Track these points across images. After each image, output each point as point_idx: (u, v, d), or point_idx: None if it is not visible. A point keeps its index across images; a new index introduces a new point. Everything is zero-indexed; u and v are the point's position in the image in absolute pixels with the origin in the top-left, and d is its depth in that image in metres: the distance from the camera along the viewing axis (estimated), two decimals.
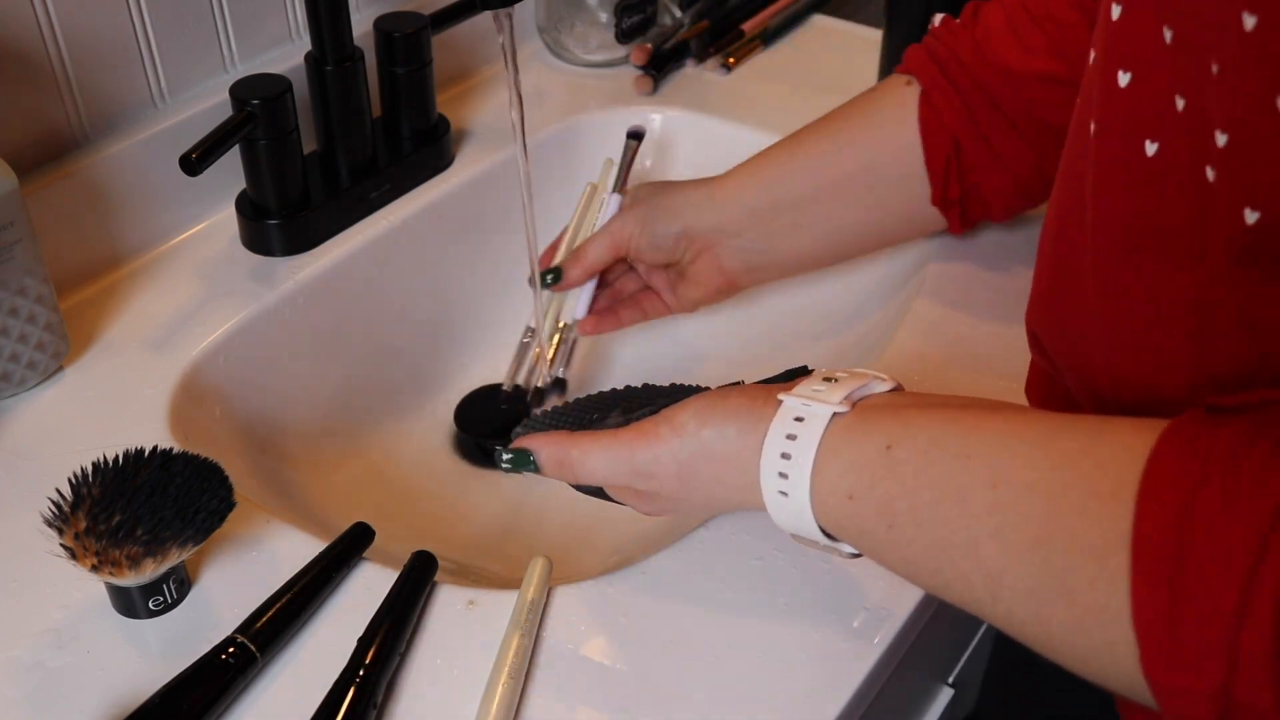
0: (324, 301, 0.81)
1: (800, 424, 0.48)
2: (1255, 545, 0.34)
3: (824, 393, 0.48)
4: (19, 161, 0.71)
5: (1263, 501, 0.34)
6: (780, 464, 0.48)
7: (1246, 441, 0.36)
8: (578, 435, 0.55)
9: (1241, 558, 0.34)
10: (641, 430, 0.53)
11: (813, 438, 0.47)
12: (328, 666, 0.54)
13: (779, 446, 0.48)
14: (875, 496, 0.45)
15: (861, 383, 0.49)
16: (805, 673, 0.55)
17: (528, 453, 0.56)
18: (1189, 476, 0.36)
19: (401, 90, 0.86)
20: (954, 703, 0.91)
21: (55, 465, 0.58)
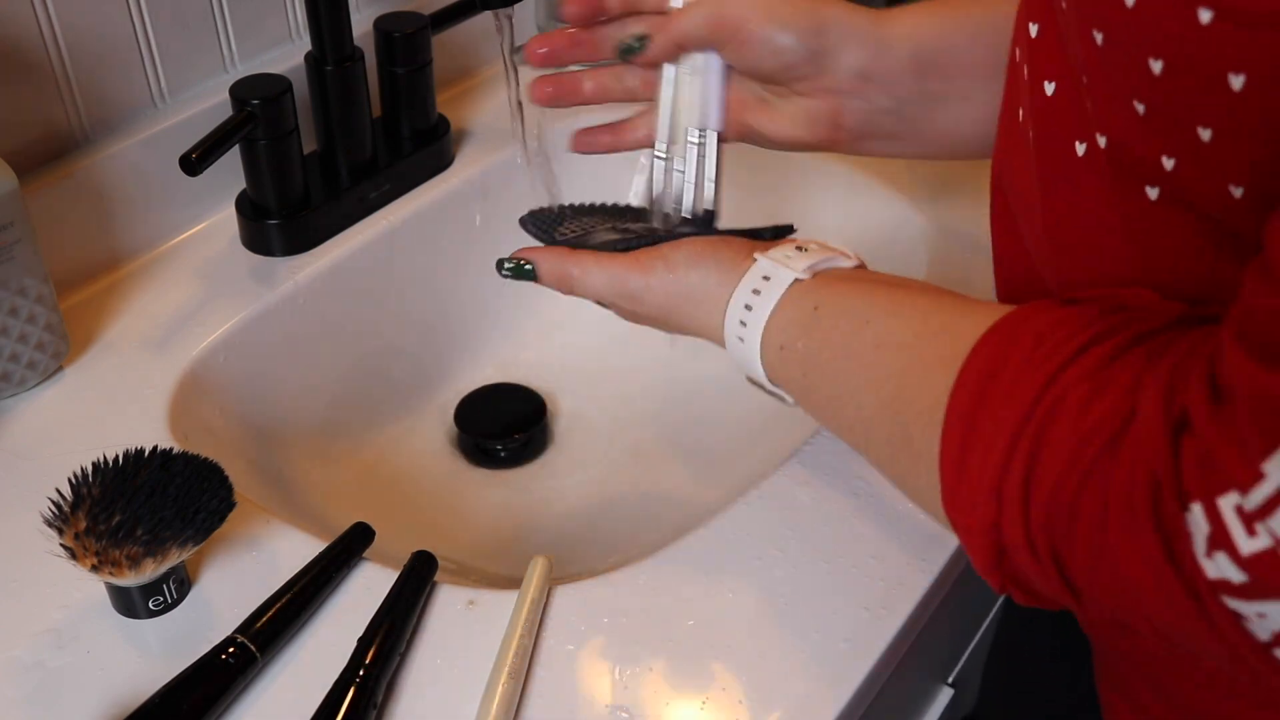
0: (324, 301, 0.81)
1: (766, 283, 0.55)
2: (1025, 410, 0.40)
3: (793, 260, 0.55)
4: (19, 161, 0.71)
5: (1039, 375, 0.40)
6: (743, 313, 0.55)
7: (1051, 327, 0.42)
8: (578, 253, 0.60)
9: (1012, 420, 0.40)
10: (639, 260, 0.59)
11: (772, 298, 0.54)
12: (328, 666, 0.54)
13: (744, 299, 0.55)
14: (798, 350, 0.53)
15: (826, 255, 0.55)
16: (805, 673, 0.55)
17: (528, 263, 0.60)
18: (1000, 352, 0.43)
19: (401, 90, 0.86)
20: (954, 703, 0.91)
21: (55, 465, 0.58)
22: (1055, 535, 0.39)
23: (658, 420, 0.88)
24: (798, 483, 0.64)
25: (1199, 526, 0.35)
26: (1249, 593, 0.34)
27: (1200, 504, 0.35)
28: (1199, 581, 0.35)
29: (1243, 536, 0.34)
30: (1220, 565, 0.35)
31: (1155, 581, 0.37)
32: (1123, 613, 0.40)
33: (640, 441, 0.87)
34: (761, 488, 0.64)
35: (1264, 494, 0.33)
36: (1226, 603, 0.35)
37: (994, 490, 0.41)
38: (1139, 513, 0.36)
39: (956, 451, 0.43)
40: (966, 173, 0.91)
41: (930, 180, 0.89)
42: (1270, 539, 0.33)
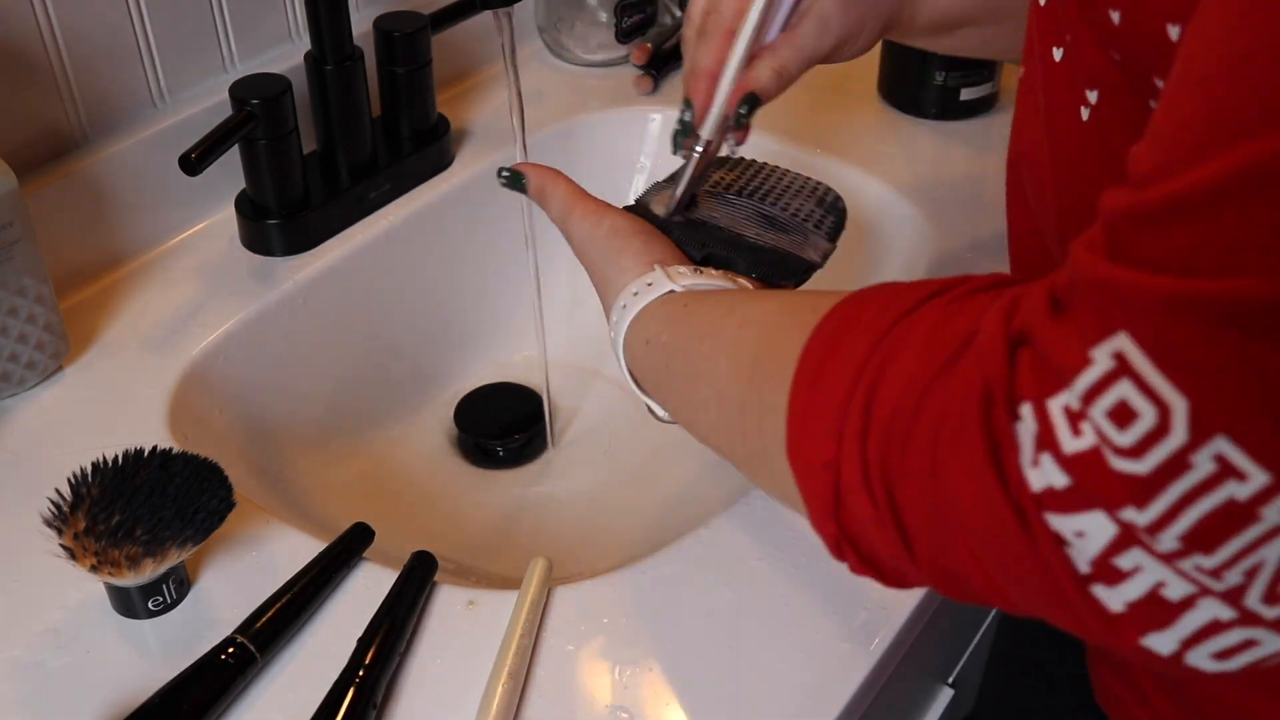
0: (324, 301, 0.81)
1: (648, 288, 0.55)
2: (870, 346, 0.40)
3: (684, 276, 0.56)
4: (19, 161, 0.71)
5: (886, 319, 0.41)
6: (619, 312, 0.56)
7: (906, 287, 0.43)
8: (562, 175, 0.62)
9: (857, 358, 0.41)
10: (589, 205, 0.61)
11: (644, 300, 0.55)
12: (328, 666, 0.54)
13: (624, 300, 0.56)
14: (662, 341, 0.53)
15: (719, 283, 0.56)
16: (805, 673, 0.55)
17: (522, 175, 0.63)
18: (854, 310, 0.43)
19: (401, 90, 0.86)
20: (954, 703, 0.91)
21: (55, 465, 0.58)
22: (889, 464, 0.38)
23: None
24: None
25: (1027, 429, 0.34)
26: (1071, 502, 0.34)
27: (1030, 404, 0.34)
28: (1023, 495, 0.35)
29: (1068, 435, 0.33)
30: (1045, 471, 0.34)
31: (980, 497, 0.36)
32: (951, 553, 0.38)
33: (640, 441, 0.87)
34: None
35: (1089, 379, 0.33)
36: (1049, 521, 0.34)
37: (834, 425, 0.40)
38: (968, 423, 0.36)
39: (804, 396, 0.42)
40: (966, 171, 0.91)
41: (930, 179, 0.90)
42: (1094, 437, 0.33)
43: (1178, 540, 0.32)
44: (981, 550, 0.37)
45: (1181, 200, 0.30)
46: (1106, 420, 0.32)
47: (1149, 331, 0.31)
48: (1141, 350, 0.31)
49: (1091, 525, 0.33)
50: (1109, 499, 0.33)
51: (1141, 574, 0.33)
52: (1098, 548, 0.34)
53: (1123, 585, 0.34)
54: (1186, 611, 0.34)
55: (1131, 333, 0.32)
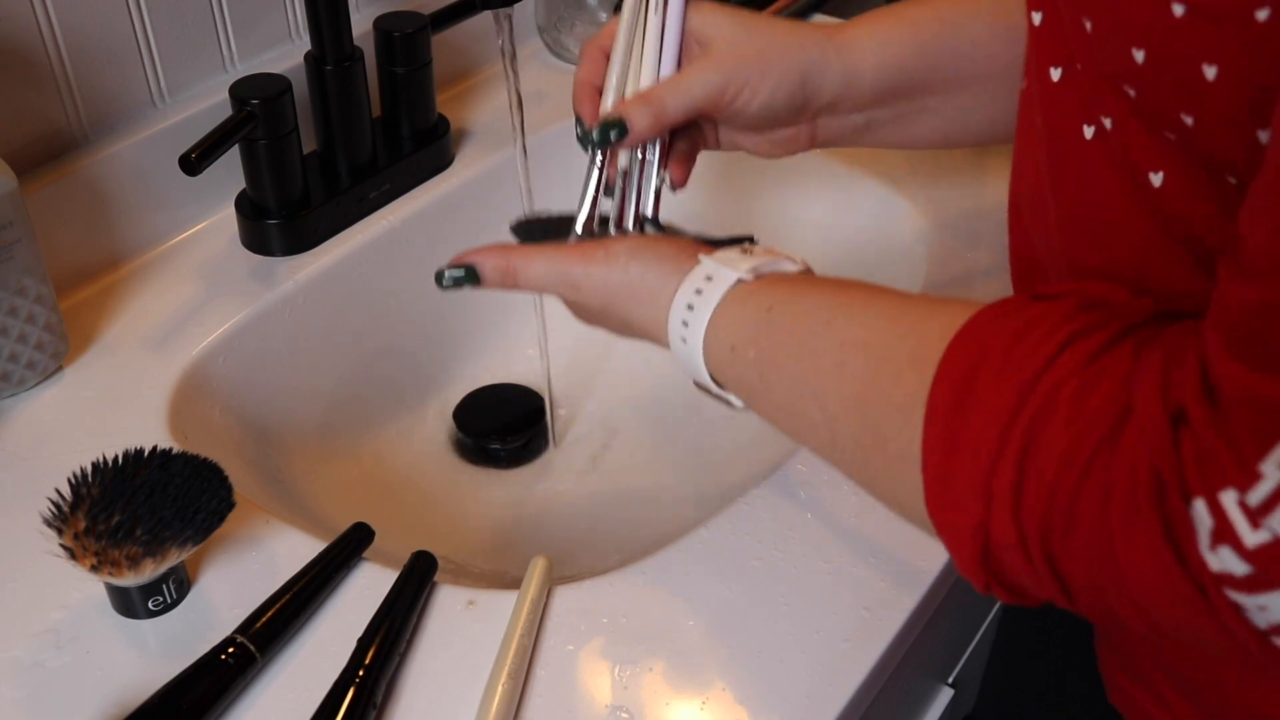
0: (324, 301, 0.81)
1: (709, 283, 0.53)
2: (1013, 405, 0.39)
3: (736, 261, 0.54)
4: (19, 161, 0.71)
5: (1026, 370, 0.40)
6: (685, 314, 0.53)
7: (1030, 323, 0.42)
8: (516, 248, 0.60)
9: (1000, 416, 0.40)
10: (582, 249, 0.58)
11: (715, 296, 0.53)
12: (327, 666, 0.54)
13: (687, 299, 0.53)
14: (751, 350, 0.51)
15: (771, 259, 0.54)
16: (805, 673, 0.55)
17: (471, 266, 0.59)
18: (978, 348, 0.42)
19: (401, 90, 0.86)
20: (954, 703, 0.91)
21: (55, 465, 0.58)
22: (1051, 533, 0.39)
23: (658, 420, 0.88)
24: (798, 482, 0.64)
25: (1202, 521, 0.35)
26: (1252, 585, 0.35)
27: (1203, 499, 0.35)
28: (1204, 575, 0.35)
29: (1247, 530, 0.34)
30: (1224, 559, 0.35)
31: (1160, 576, 0.36)
32: (1119, 608, 0.39)
33: (640, 441, 0.87)
34: (762, 487, 0.64)
35: (1263, 494, 0.33)
36: (1229, 595, 0.35)
37: (983, 489, 0.40)
38: (1143, 507, 0.36)
39: (940, 451, 0.42)
40: (966, 170, 0.91)
41: (929, 178, 0.89)
42: (1272, 534, 0.33)
43: None
44: (1156, 610, 0.38)
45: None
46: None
47: None
48: None
49: (1273, 602, 0.35)
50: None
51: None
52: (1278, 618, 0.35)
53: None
54: None
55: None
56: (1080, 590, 0.40)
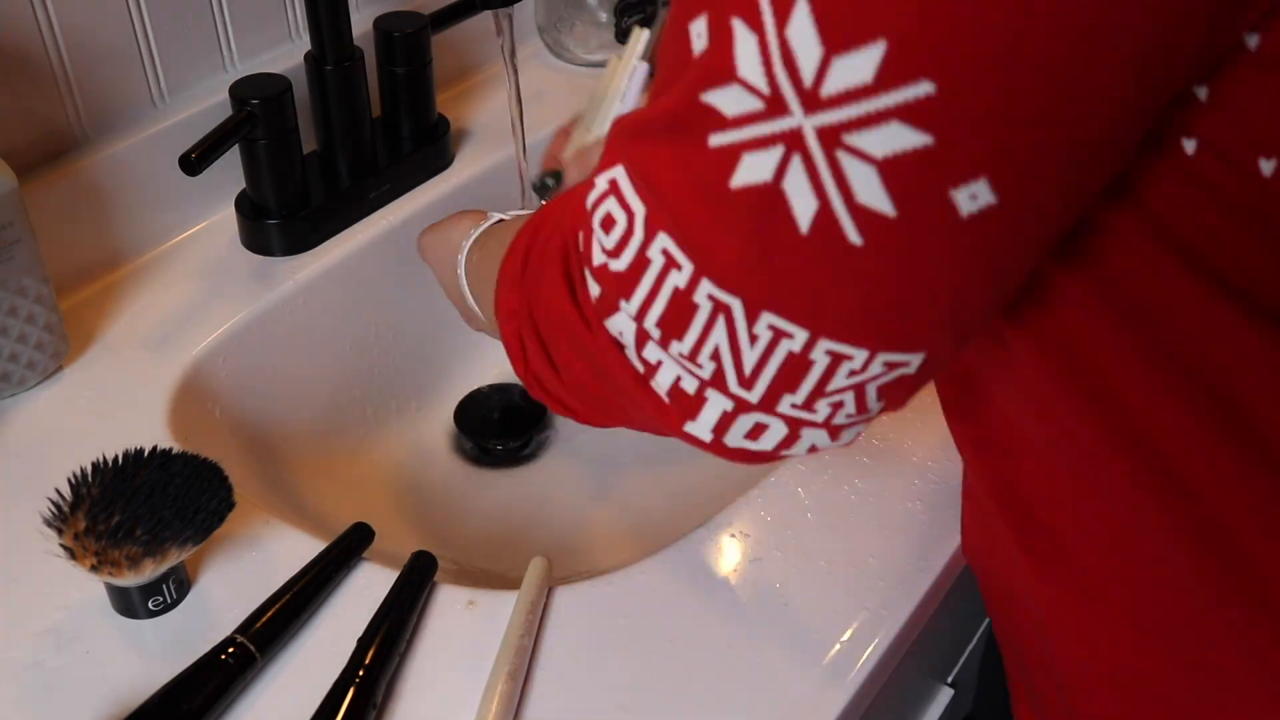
0: (324, 302, 0.81)
1: (484, 224, 0.65)
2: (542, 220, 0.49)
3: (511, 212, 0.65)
4: (19, 161, 0.71)
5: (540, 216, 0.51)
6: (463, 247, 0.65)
7: None
8: None
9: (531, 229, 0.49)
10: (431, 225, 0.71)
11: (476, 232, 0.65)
12: (327, 666, 0.54)
13: (466, 241, 0.65)
14: (477, 255, 0.64)
15: None
16: (805, 673, 0.55)
17: None
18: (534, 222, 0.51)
19: (401, 90, 0.86)
20: (954, 703, 0.91)
21: (55, 465, 0.58)
22: (532, 301, 0.47)
23: None
24: (798, 482, 0.64)
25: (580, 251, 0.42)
26: (605, 306, 0.41)
27: (582, 231, 0.42)
28: (587, 307, 0.42)
29: (596, 251, 0.41)
30: (590, 284, 0.42)
31: (566, 316, 0.44)
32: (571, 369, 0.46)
33: (640, 441, 0.87)
34: (762, 488, 0.64)
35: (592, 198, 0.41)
36: (605, 326, 0.42)
37: (513, 276, 0.49)
38: (554, 257, 0.45)
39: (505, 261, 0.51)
40: None
41: None
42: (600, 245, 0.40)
43: (657, 327, 0.40)
44: (581, 361, 0.45)
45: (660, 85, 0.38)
46: (599, 228, 0.40)
47: (627, 158, 0.39)
48: (624, 172, 0.39)
49: (622, 325, 0.41)
50: (613, 294, 0.40)
51: (664, 367, 0.41)
52: (630, 343, 0.41)
53: (658, 376, 0.41)
54: (703, 405, 0.41)
55: (622, 161, 0.39)
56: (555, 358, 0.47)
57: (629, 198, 0.39)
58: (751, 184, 0.34)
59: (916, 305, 0.36)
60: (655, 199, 0.38)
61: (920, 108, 0.31)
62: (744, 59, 0.33)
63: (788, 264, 0.35)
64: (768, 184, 0.34)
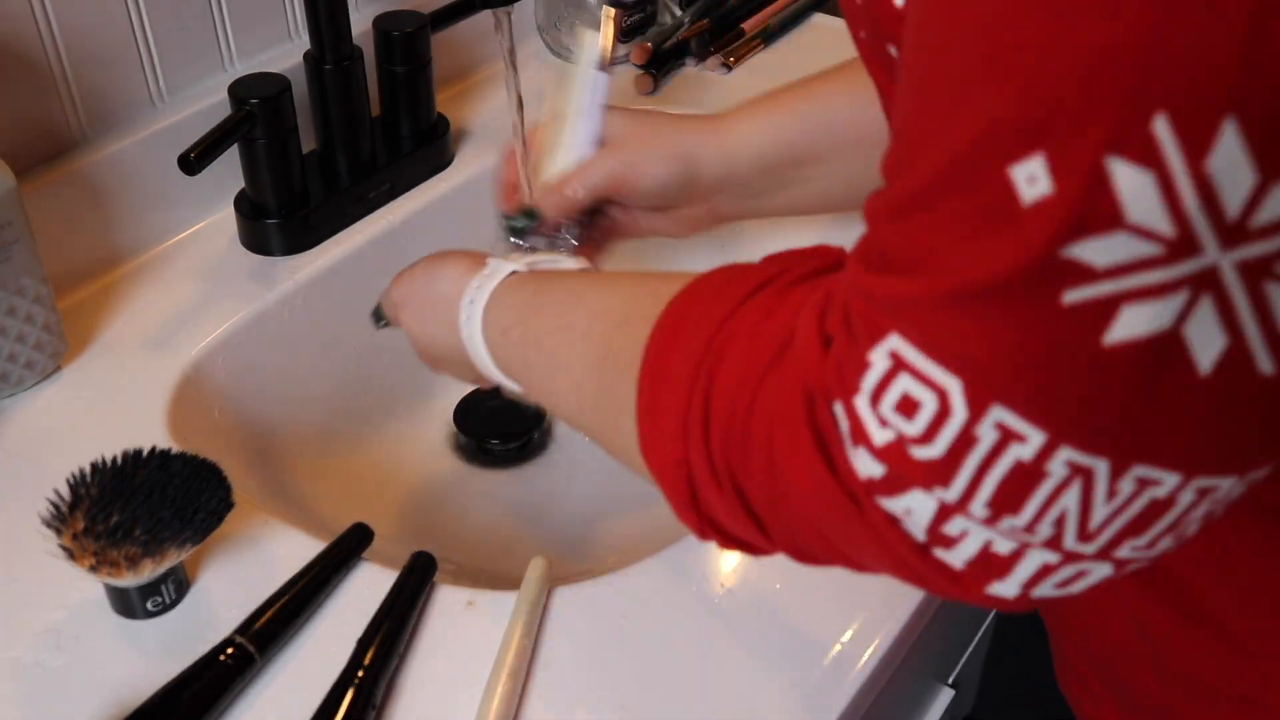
0: (323, 301, 0.81)
1: (488, 278, 0.58)
2: (704, 344, 0.42)
3: (516, 259, 0.59)
4: (18, 161, 0.71)
5: (718, 314, 0.43)
6: (468, 308, 0.58)
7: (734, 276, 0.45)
8: None
9: (693, 356, 0.42)
10: (402, 271, 0.65)
11: (490, 286, 0.58)
12: (327, 667, 0.54)
13: (470, 295, 0.58)
14: (519, 331, 0.56)
15: (553, 258, 0.61)
16: (806, 672, 0.55)
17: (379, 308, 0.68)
18: (688, 302, 0.45)
19: (401, 90, 0.85)
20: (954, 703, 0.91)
21: (54, 465, 0.58)
22: (732, 460, 0.41)
23: None
24: None
25: (844, 426, 0.37)
26: (891, 487, 0.36)
27: (841, 403, 0.37)
28: (853, 483, 0.37)
29: (876, 429, 0.36)
30: (864, 461, 0.37)
31: (816, 488, 0.38)
32: (801, 535, 0.41)
33: None
34: None
35: (872, 381, 0.35)
36: (880, 503, 0.37)
37: (679, 424, 0.42)
38: (797, 422, 0.38)
39: (648, 394, 0.44)
40: None
41: None
42: (896, 431, 0.35)
43: (986, 507, 0.35)
44: (826, 530, 0.40)
45: (907, 200, 0.33)
46: (895, 414, 0.35)
47: (911, 328, 0.34)
48: (911, 345, 0.34)
49: (915, 504, 0.36)
50: (920, 482, 0.35)
51: (969, 537, 0.36)
52: (926, 521, 0.36)
53: (957, 548, 0.37)
54: (1018, 562, 0.36)
55: (900, 332, 0.34)
56: (768, 520, 0.42)
57: (931, 374, 0.34)
58: (1137, 337, 0.30)
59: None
60: (978, 371, 0.33)
61: None
62: (1135, 202, 0.28)
63: (1176, 410, 0.32)
64: (1163, 332, 0.30)
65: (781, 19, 1.11)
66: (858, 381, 0.36)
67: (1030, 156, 0.29)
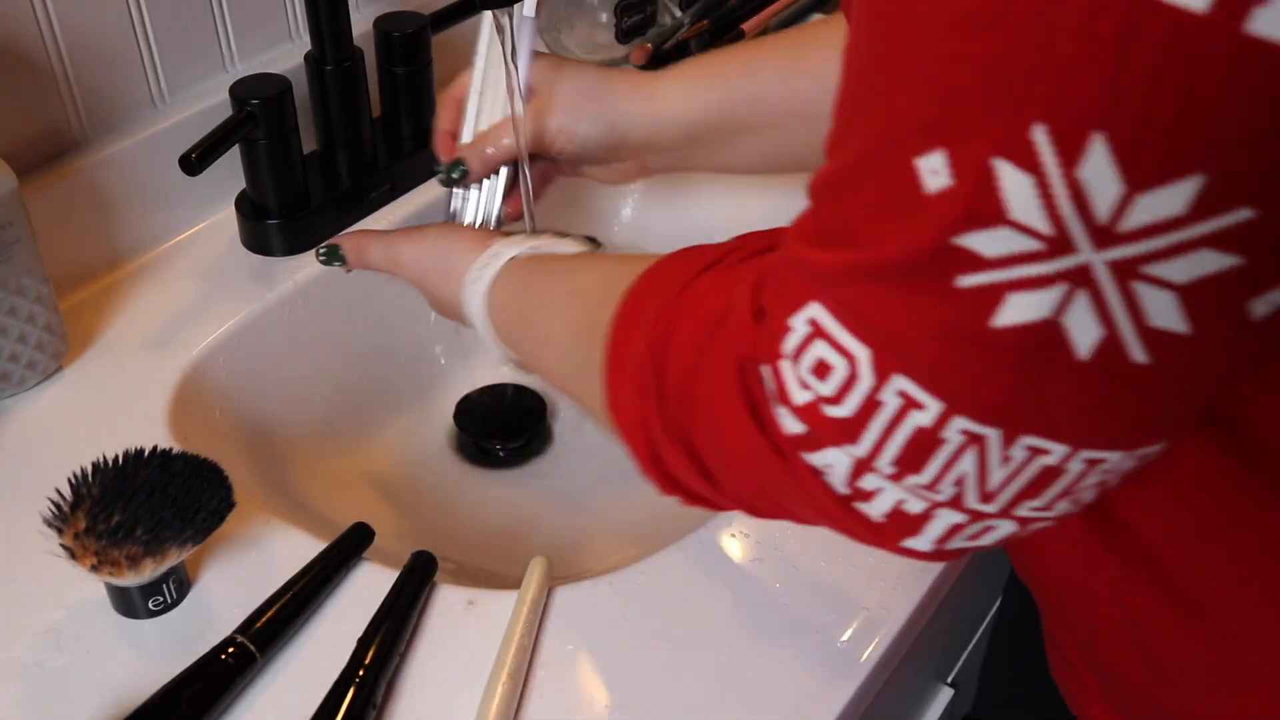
0: (324, 302, 0.81)
1: (494, 258, 0.63)
2: (662, 312, 0.46)
3: (520, 241, 0.63)
4: (19, 161, 0.71)
5: (674, 289, 0.47)
6: (471, 286, 0.63)
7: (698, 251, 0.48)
8: (368, 232, 0.71)
9: (651, 322, 0.46)
10: (407, 232, 0.69)
11: (494, 267, 0.62)
12: (327, 666, 0.54)
13: (474, 273, 0.63)
14: (513, 309, 0.61)
15: (552, 241, 0.64)
16: (805, 673, 0.55)
17: (335, 245, 0.71)
18: (655, 278, 0.49)
19: (401, 90, 0.86)
20: (954, 703, 0.91)
21: (55, 465, 0.58)
22: (683, 420, 0.44)
23: None
24: None
25: (770, 388, 0.40)
26: (811, 443, 0.39)
27: (769, 366, 0.40)
28: (780, 439, 0.40)
29: (796, 390, 0.39)
30: (787, 420, 0.40)
31: (749, 445, 0.41)
32: (744, 488, 0.45)
33: None
34: None
35: (792, 344, 0.38)
36: (804, 458, 0.40)
37: (638, 388, 0.46)
38: (730, 386, 0.42)
39: (615, 360, 0.48)
40: None
41: None
42: (814, 393, 0.38)
43: (892, 465, 0.38)
44: (762, 484, 0.43)
45: (835, 179, 0.36)
46: (811, 375, 0.38)
47: (829, 298, 0.37)
48: (828, 313, 0.37)
49: (832, 459, 0.39)
50: (832, 439, 0.38)
51: (883, 494, 0.39)
52: (843, 475, 0.39)
53: (873, 502, 0.40)
54: (928, 521, 0.39)
55: (820, 300, 0.37)
56: (717, 475, 0.45)
57: (844, 341, 0.37)
58: (1021, 323, 0.33)
59: (1187, 407, 0.36)
60: (883, 342, 0.36)
61: (1235, 233, 0.30)
62: (1016, 201, 0.31)
63: (1058, 390, 0.34)
64: (1043, 320, 0.33)
65: (781, 19, 1.11)
66: (779, 345, 0.39)
67: (934, 151, 0.32)
